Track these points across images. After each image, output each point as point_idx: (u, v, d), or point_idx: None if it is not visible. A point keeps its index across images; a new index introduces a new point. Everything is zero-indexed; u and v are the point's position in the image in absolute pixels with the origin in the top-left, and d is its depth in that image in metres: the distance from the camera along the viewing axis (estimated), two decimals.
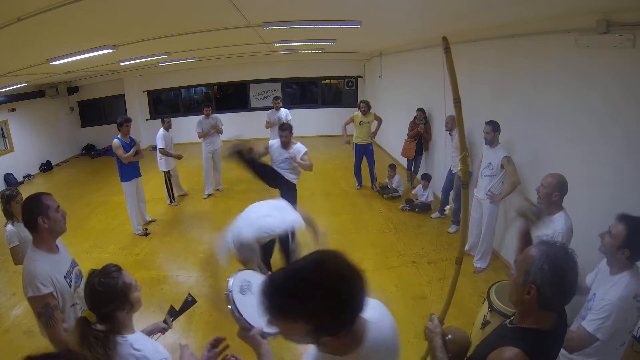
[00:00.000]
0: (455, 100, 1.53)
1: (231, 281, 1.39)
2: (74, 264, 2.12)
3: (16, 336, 3.32)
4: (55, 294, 1.86)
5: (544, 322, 1.22)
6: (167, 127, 5.94)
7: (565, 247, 1.25)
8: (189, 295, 1.84)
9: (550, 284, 1.17)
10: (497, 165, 3.69)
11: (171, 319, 1.81)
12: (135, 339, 1.43)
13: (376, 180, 6.57)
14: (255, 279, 1.47)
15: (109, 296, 1.37)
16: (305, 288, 0.76)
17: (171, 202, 6.28)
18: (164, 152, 5.85)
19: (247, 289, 1.39)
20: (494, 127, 3.70)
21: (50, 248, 1.97)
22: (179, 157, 6.05)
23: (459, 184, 4.65)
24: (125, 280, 1.43)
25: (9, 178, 7.89)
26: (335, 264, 0.82)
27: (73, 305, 2.02)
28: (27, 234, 2.95)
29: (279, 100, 6.93)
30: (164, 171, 6.05)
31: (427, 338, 1.48)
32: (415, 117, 6.16)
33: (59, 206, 1.98)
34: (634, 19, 2.42)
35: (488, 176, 3.81)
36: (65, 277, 1.96)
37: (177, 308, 1.82)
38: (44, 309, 1.85)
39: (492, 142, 3.74)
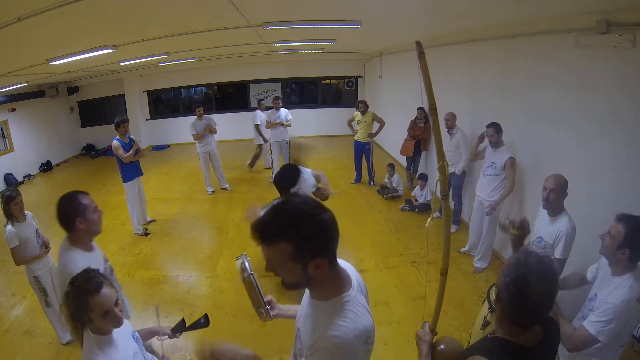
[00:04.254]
0: (431, 107, 1.47)
1: (246, 263, 1.48)
2: (105, 260, 2.11)
3: (16, 336, 3.32)
4: None
5: (521, 337, 1.16)
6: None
7: (547, 264, 1.15)
8: (205, 316, 1.77)
9: (507, 293, 1.12)
10: (501, 166, 3.64)
11: (177, 333, 1.80)
12: (106, 342, 1.44)
13: (374, 176, 6.64)
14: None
15: (71, 302, 1.41)
16: (280, 215, 0.99)
17: (251, 166, 7.97)
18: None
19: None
20: (496, 129, 3.64)
21: (86, 247, 1.96)
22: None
23: (456, 184, 4.71)
24: (88, 303, 1.38)
25: (9, 178, 7.89)
26: (299, 202, 1.01)
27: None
28: (27, 234, 2.95)
29: (279, 100, 6.92)
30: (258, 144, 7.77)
31: (416, 344, 1.48)
32: (416, 117, 6.17)
33: (96, 206, 1.95)
34: (634, 19, 2.41)
35: (490, 175, 3.76)
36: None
37: (189, 324, 1.80)
38: None
39: (497, 143, 3.69)
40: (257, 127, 7.50)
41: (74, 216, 1.85)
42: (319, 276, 1.02)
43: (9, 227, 2.90)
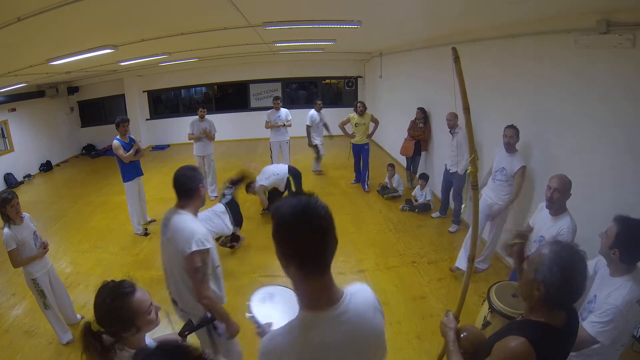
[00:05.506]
0: (464, 107, 1.62)
1: (254, 296, 1.59)
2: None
3: (16, 336, 3.32)
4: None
5: (552, 319, 1.24)
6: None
7: (577, 248, 1.26)
8: (209, 312, 1.89)
9: (557, 284, 1.19)
10: (512, 173, 3.53)
11: (186, 332, 1.79)
12: None
13: (368, 180, 6.59)
14: (279, 291, 1.62)
15: (112, 317, 1.31)
16: (272, 213, 0.99)
17: (317, 170, 7.52)
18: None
19: (268, 299, 1.56)
20: (517, 131, 3.49)
21: (195, 213, 2.10)
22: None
23: (457, 184, 4.71)
24: (134, 304, 1.32)
25: (9, 178, 7.89)
26: (290, 202, 1.00)
27: (218, 266, 2.16)
28: (24, 236, 2.89)
29: (279, 101, 6.92)
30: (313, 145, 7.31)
31: (441, 332, 1.52)
32: (415, 117, 6.17)
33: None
34: (634, 19, 2.41)
35: (501, 181, 3.64)
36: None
37: (195, 323, 1.84)
38: (203, 264, 1.95)
39: (512, 147, 3.54)
40: (307, 128, 7.17)
41: (198, 183, 2.05)
42: (295, 282, 1.01)
43: (6, 229, 2.86)
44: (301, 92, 11.66)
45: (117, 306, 1.31)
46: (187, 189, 2.04)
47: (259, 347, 1.05)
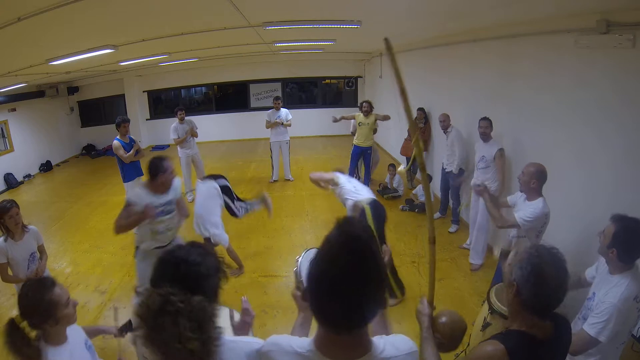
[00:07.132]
0: (401, 90, 1.55)
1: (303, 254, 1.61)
2: (172, 203, 2.85)
3: None
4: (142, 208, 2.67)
5: (535, 329, 1.21)
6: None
7: (557, 254, 1.23)
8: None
9: (527, 284, 1.18)
10: (491, 158, 3.82)
11: (124, 331, 1.97)
12: (58, 353, 1.48)
13: (369, 184, 6.51)
14: None
15: (33, 309, 1.45)
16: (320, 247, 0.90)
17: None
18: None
19: None
20: (490, 122, 3.85)
21: (154, 191, 2.74)
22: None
23: (454, 183, 4.71)
24: (54, 297, 1.46)
25: (9, 178, 7.89)
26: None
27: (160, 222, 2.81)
28: (17, 255, 2.74)
29: (280, 101, 6.90)
30: None
31: (417, 319, 1.49)
32: (415, 117, 6.16)
33: (173, 170, 2.77)
34: (634, 19, 2.41)
35: (482, 168, 3.93)
36: (158, 207, 2.71)
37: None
38: (126, 212, 2.66)
39: (488, 136, 3.88)
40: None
41: (159, 172, 2.66)
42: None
43: (1, 241, 2.64)
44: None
45: (38, 298, 1.46)
46: (151, 171, 2.70)
47: (265, 343, 1.05)
